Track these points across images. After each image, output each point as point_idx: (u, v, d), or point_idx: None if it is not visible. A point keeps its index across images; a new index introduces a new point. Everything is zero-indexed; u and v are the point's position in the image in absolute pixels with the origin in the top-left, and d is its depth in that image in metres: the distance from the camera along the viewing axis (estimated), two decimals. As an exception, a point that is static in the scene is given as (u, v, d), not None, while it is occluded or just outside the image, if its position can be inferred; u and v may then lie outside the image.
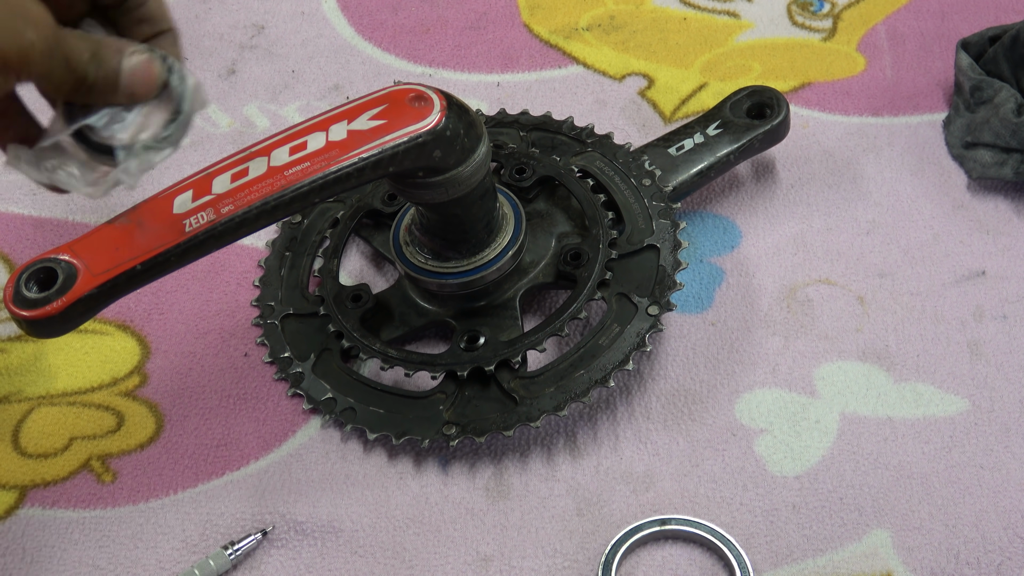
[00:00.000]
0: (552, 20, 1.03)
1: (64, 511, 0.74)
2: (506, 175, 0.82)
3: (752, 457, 0.74)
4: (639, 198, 0.80)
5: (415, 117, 0.65)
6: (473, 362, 0.74)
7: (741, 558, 0.68)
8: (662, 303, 0.75)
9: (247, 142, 0.74)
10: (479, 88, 0.98)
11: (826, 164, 0.89)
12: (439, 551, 0.71)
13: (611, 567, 0.68)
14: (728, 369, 0.78)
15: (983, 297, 0.81)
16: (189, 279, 0.85)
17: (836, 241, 0.84)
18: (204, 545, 0.72)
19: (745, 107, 0.85)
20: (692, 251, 0.84)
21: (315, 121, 0.66)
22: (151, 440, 0.77)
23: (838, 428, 0.75)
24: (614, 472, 0.74)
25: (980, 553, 0.69)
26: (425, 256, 0.76)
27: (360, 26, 1.04)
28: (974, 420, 0.75)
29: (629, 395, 0.77)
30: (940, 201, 0.86)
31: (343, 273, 0.85)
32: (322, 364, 0.78)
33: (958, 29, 0.97)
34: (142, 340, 0.82)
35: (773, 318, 0.80)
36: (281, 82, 0.99)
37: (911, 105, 0.93)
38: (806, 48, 0.99)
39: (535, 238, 0.79)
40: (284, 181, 0.63)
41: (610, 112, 0.94)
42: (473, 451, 0.75)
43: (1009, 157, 0.84)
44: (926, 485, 0.72)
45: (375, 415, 0.75)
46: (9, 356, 0.82)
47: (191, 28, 1.04)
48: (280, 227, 0.87)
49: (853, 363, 0.78)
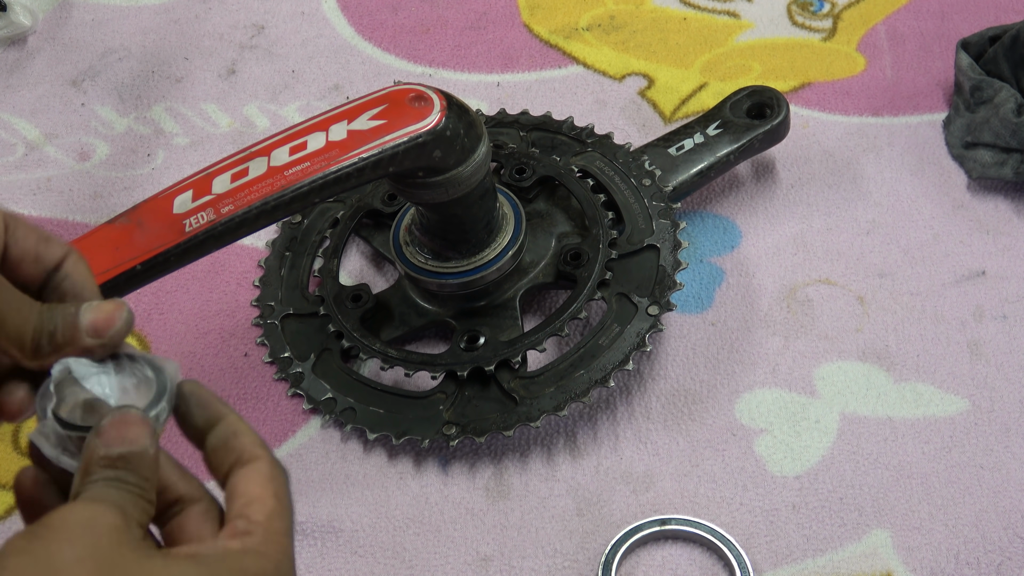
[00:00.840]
0: (552, 20, 1.03)
1: (64, 511, 0.74)
2: (506, 175, 0.82)
3: (752, 457, 0.74)
4: (639, 198, 0.80)
5: (415, 117, 0.65)
6: (473, 362, 0.74)
7: (741, 558, 0.68)
8: (662, 303, 0.75)
9: (247, 142, 0.74)
10: (479, 88, 0.98)
11: (826, 164, 0.89)
12: (439, 551, 0.71)
13: (611, 567, 0.68)
14: (728, 369, 0.78)
15: (983, 297, 0.81)
16: (189, 279, 0.85)
17: (836, 241, 0.84)
18: (204, 545, 0.72)
19: (745, 107, 0.85)
20: (692, 251, 0.84)
21: (315, 121, 0.66)
22: (151, 440, 0.77)
23: (838, 428, 0.75)
24: (614, 472, 0.74)
25: (980, 553, 0.69)
26: (425, 256, 0.76)
27: (360, 26, 1.04)
28: (974, 420, 0.75)
29: (629, 395, 0.77)
30: (940, 201, 0.86)
31: (343, 273, 0.85)
32: (322, 364, 0.78)
33: (958, 29, 0.97)
34: (142, 340, 0.82)
35: (773, 318, 0.80)
36: (281, 82, 0.99)
37: (911, 105, 0.93)
38: (806, 48, 0.99)
39: (535, 238, 0.79)
40: (284, 181, 0.63)
41: (610, 112, 0.94)
42: (473, 451, 0.75)
43: (1009, 157, 0.84)
44: (926, 485, 0.72)
45: (375, 415, 0.75)
46: (9, 356, 0.82)
47: (191, 28, 1.04)
48: (280, 227, 0.87)
49: (853, 363, 0.78)
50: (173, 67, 1.01)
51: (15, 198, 0.92)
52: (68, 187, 0.92)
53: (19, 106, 0.99)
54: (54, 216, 0.90)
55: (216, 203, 0.63)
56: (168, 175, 0.92)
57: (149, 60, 1.02)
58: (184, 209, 0.63)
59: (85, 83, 1.00)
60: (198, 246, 0.63)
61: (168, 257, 0.62)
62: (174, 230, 0.62)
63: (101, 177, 0.93)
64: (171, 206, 0.63)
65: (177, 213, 0.63)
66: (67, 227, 0.89)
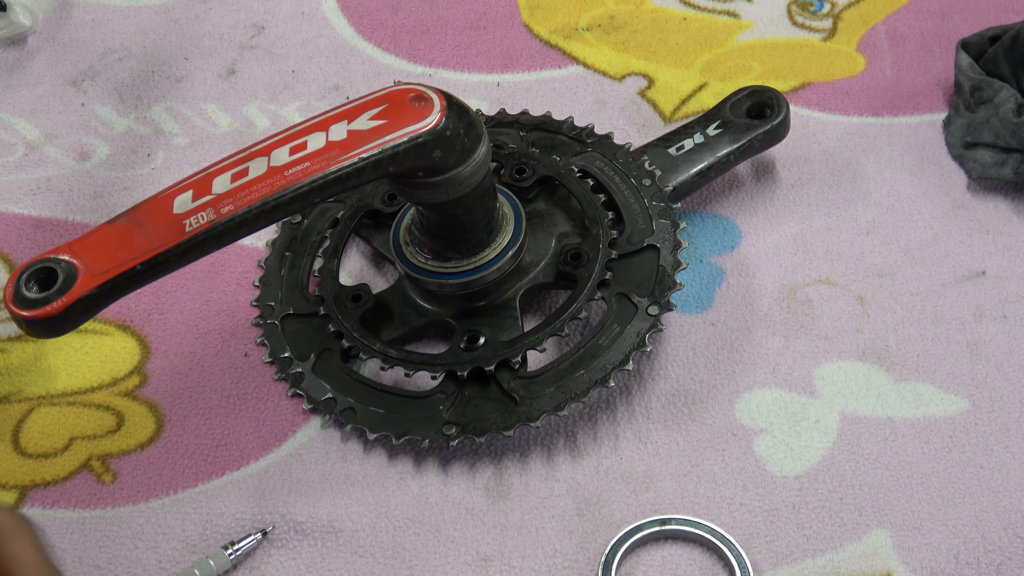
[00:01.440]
0: (552, 20, 1.03)
1: (64, 511, 0.74)
2: (506, 175, 0.82)
3: (752, 457, 0.74)
4: (639, 198, 0.80)
5: (415, 117, 0.65)
6: (473, 362, 0.74)
7: (741, 558, 0.68)
8: (662, 303, 0.75)
9: (247, 142, 0.75)
10: (479, 88, 0.98)
11: (826, 164, 0.89)
12: (439, 551, 0.71)
13: (611, 567, 0.68)
14: (728, 369, 0.78)
15: (983, 297, 0.81)
16: (189, 279, 0.85)
17: (836, 241, 0.84)
18: (204, 545, 0.72)
19: (745, 107, 0.85)
20: (692, 251, 0.84)
21: (315, 121, 0.66)
22: (151, 440, 0.77)
23: (838, 428, 0.75)
24: (614, 472, 0.74)
25: (980, 553, 0.69)
26: (425, 256, 0.76)
27: (360, 26, 1.04)
28: (974, 420, 0.75)
29: (629, 395, 0.77)
30: (940, 201, 0.86)
31: (343, 273, 0.85)
32: (322, 364, 0.78)
33: (958, 29, 0.97)
34: (142, 340, 0.82)
35: (773, 318, 0.80)
36: (281, 82, 0.99)
37: (911, 105, 0.93)
38: (806, 48, 0.99)
39: (535, 238, 0.79)
40: (284, 181, 0.63)
41: (610, 112, 0.94)
42: (473, 451, 0.75)
43: (1009, 157, 0.84)
44: (926, 485, 0.72)
45: (375, 415, 0.75)
46: (9, 356, 0.82)
47: (191, 28, 1.04)
48: (280, 227, 0.87)
49: (853, 363, 0.78)
50: (173, 67, 1.01)
51: (15, 198, 0.92)
52: (68, 187, 0.92)
53: (19, 106, 0.99)
54: (54, 216, 0.90)
55: (216, 203, 0.63)
56: (168, 175, 0.92)
57: (149, 60, 1.02)
58: (184, 209, 0.63)
59: (85, 83, 1.00)
60: (198, 246, 0.63)
61: (168, 257, 0.62)
62: (174, 230, 0.62)
63: (101, 177, 0.93)
64: (171, 206, 0.63)
65: (177, 213, 0.63)
66: (67, 227, 0.89)
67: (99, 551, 0.72)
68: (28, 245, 0.88)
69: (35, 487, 0.75)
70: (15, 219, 0.90)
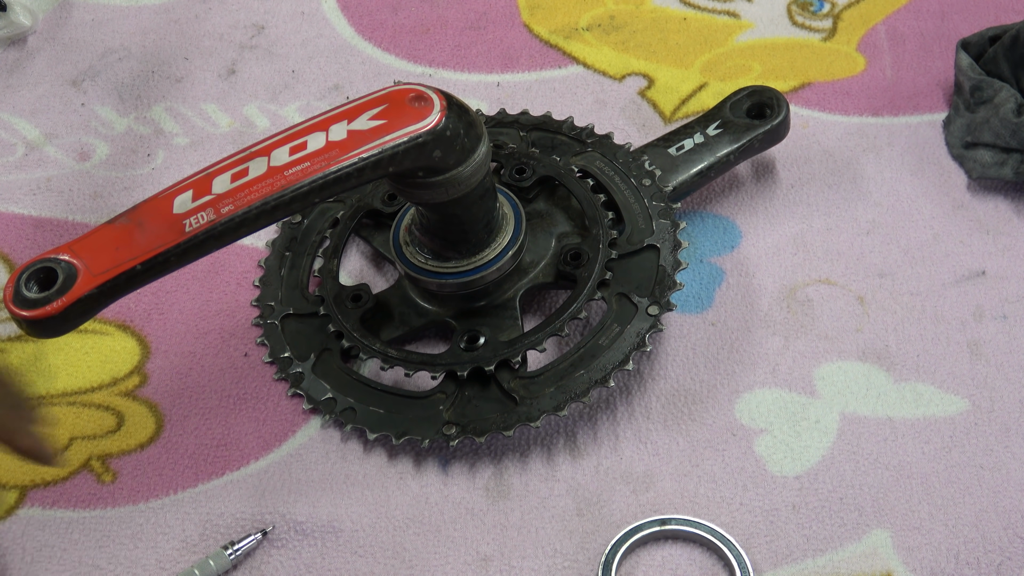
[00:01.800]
0: (552, 20, 1.03)
1: (64, 511, 0.74)
2: (506, 175, 0.82)
3: (752, 457, 0.74)
4: (639, 198, 0.80)
5: (415, 117, 0.65)
6: (473, 362, 0.74)
7: (741, 558, 0.68)
8: (662, 303, 0.75)
9: (247, 142, 0.75)
10: (479, 88, 0.98)
11: (826, 164, 0.89)
12: (439, 551, 0.71)
13: (611, 567, 0.68)
14: (728, 369, 0.78)
15: (983, 297, 0.81)
16: (189, 279, 0.85)
17: (836, 241, 0.84)
18: (204, 545, 0.72)
19: (745, 107, 0.85)
20: (692, 251, 0.84)
21: (315, 121, 0.66)
22: (151, 440, 0.77)
23: (838, 428, 0.75)
24: (614, 472, 0.74)
25: (980, 553, 0.69)
26: (425, 256, 0.76)
27: (360, 26, 1.04)
28: (974, 420, 0.75)
29: (629, 395, 0.77)
30: (940, 201, 0.86)
31: (343, 273, 0.85)
32: (322, 364, 0.78)
33: (958, 29, 0.97)
34: (142, 340, 0.82)
35: (773, 318, 0.80)
36: (281, 82, 0.99)
37: (911, 105, 0.93)
38: (806, 48, 0.99)
39: (535, 238, 0.79)
40: (284, 181, 0.63)
41: (610, 112, 0.94)
42: (473, 451, 0.75)
43: (1009, 157, 0.84)
44: (926, 485, 0.72)
45: (375, 415, 0.75)
46: (9, 356, 0.82)
47: (191, 28, 1.04)
48: (280, 227, 0.87)
49: (853, 363, 0.78)
50: (173, 67, 1.01)
51: (15, 198, 0.92)
52: (68, 187, 0.92)
53: (19, 106, 0.99)
54: (54, 216, 0.90)
55: (216, 203, 0.63)
56: (168, 175, 0.92)
57: (149, 60, 1.02)
58: (184, 209, 0.63)
59: (85, 83, 1.00)
60: (198, 246, 0.63)
61: (168, 257, 0.62)
62: (174, 230, 0.62)
63: (101, 177, 0.93)
64: (171, 206, 0.63)
65: (177, 213, 0.63)
66: (67, 227, 0.89)
67: (99, 551, 0.72)
68: (28, 245, 0.88)
69: (35, 487, 0.75)
70: (15, 219, 0.90)
